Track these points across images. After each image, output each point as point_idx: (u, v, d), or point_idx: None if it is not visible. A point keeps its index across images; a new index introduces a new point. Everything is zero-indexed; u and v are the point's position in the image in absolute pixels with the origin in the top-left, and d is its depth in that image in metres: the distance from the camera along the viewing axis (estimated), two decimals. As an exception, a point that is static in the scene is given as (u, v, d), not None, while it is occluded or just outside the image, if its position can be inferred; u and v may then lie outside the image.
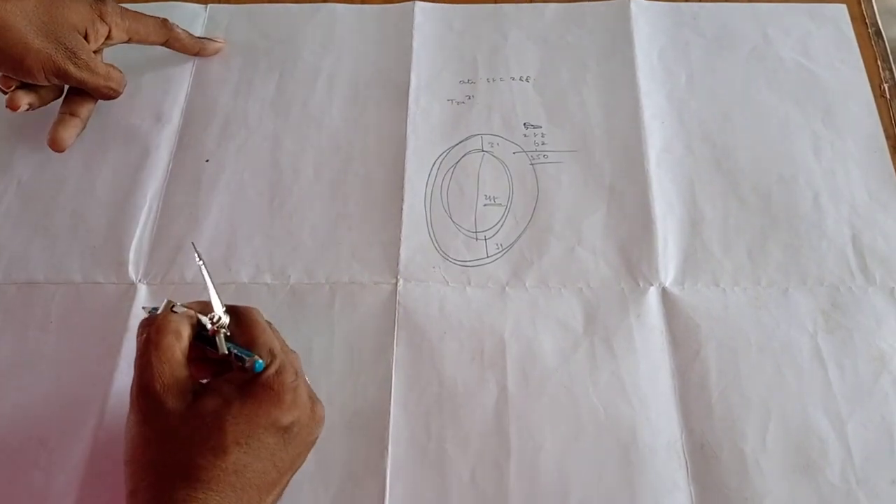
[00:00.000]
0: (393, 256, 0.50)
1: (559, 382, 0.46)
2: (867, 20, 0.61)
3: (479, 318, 0.48)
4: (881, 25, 0.60)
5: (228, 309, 0.40)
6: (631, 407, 0.45)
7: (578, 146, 0.55)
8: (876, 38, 0.60)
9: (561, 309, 0.48)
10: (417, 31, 0.60)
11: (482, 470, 0.43)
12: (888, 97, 0.57)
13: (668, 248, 0.50)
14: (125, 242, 0.51)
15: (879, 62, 0.58)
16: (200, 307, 0.40)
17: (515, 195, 0.53)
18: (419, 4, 0.62)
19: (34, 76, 0.49)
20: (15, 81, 0.51)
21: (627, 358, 0.47)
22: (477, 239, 0.51)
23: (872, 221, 0.51)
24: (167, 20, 0.56)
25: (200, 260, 0.41)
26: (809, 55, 0.59)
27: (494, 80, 0.58)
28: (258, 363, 0.37)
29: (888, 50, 0.59)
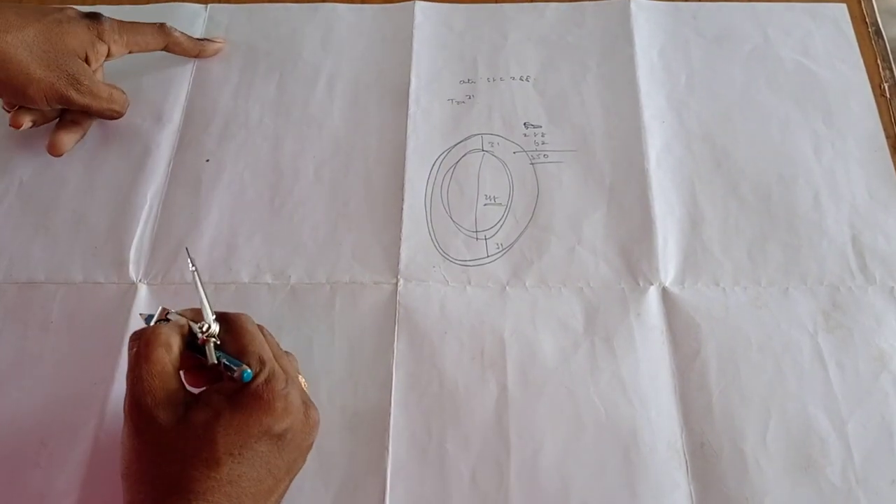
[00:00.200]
0: (393, 256, 0.50)
1: (559, 382, 0.46)
2: (867, 20, 0.61)
3: (479, 317, 0.48)
4: (881, 25, 0.60)
5: (219, 316, 0.40)
6: (631, 406, 0.45)
7: (578, 146, 0.55)
8: (876, 37, 0.60)
9: (561, 308, 0.48)
10: (418, 31, 0.60)
11: (483, 469, 0.43)
12: (888, 97, 0.57)
13: (668, 247, 0.51)
14: (126, 242, 0.51)
15: (879, 62, 0.58)
16: (194, 314, 0.39)
17: (515, 195, 0.53)
18: (419, 4, 0.61)
19: (37, 104, 0.50)
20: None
21: (628, 357, 0.47)
22: (477, 238, 0.51)
23: (873, 221, 0.51)
24: (164, 25, 0.55)
25: (193, 267, 0.40)
26: (809, 55, 0.59)
27: (494, 79, 0.58)
28: (246, 373, 0.36)
29: (888, 49, 0.59)
